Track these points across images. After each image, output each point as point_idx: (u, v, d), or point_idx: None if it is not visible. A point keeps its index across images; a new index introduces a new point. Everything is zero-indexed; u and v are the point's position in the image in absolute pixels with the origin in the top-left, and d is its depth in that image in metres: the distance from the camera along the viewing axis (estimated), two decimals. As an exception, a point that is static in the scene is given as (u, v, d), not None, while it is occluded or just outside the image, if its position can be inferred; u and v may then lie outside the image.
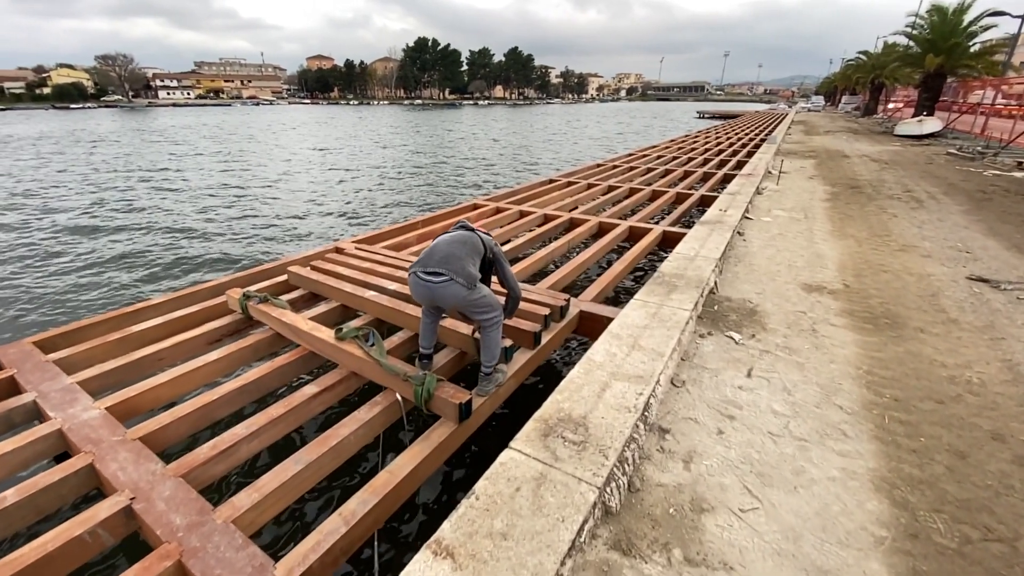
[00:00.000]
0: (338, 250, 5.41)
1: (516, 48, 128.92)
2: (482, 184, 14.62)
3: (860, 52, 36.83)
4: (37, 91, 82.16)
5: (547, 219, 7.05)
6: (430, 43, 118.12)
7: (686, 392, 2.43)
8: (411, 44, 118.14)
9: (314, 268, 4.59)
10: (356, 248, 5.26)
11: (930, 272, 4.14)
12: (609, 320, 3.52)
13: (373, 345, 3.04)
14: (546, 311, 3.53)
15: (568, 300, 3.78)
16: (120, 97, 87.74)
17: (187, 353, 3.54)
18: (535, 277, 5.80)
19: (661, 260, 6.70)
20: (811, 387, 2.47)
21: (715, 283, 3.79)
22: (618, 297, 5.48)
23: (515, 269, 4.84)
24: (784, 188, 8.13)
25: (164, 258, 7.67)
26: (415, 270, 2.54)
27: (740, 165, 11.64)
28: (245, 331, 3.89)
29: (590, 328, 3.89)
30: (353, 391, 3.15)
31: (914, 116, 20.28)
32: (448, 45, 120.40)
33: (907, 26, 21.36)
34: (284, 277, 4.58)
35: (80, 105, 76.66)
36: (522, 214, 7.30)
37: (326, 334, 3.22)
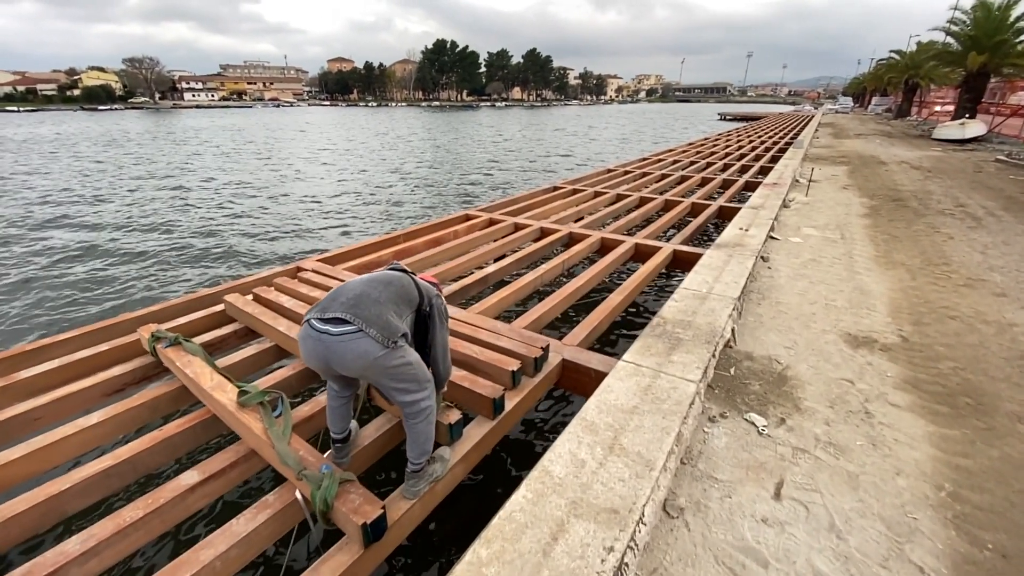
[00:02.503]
0: (298, 270, 4.75)
1: (534, 49, 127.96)
2: (498, 186, 14.00)
3: (893, 51, 35.06)
4: (68, 93, 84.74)
5: (544, 233, 6.28)
6: (448, 45, 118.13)
7: (684, 529, 1.65)
8: (430, 46, 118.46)
9: (256, 297, 3.93)
10: (316, 270, 4.59)
11: (1011, 320, 3.25)
12: (599, 375, 2.77)
13: (280, 415, 2.34)
14: (515, 365, 2.78)
15: (547, 347, 3.01)
16: (147, 99, 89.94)
17: (76, 409, 2.89)
18: (520, 306, 5.07)
19: (669, 286, 5.89)
20: (872, 523, 1.67)
21: (732, 332, 2.99)
22: (614, 333, 4.69)
23: (497, 297, 4.09)
24: (814, 200, 7.21)
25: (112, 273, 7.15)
26: (309, 317, 1.76)
27: (764, 172, 10.68)
28: (156, 378, 3.23)
29: (573, 382, 3.12)
30: (251, 479, 2.45)
31: (955, 118, 18.87)
32: (467, 47, 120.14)
33: (948, 22, 19.96)
34: (222, 307, 3.94)
35: (108, 107, 78.84)
36: (517, 227, 6.56)
37: (229, 396, 2.53)
